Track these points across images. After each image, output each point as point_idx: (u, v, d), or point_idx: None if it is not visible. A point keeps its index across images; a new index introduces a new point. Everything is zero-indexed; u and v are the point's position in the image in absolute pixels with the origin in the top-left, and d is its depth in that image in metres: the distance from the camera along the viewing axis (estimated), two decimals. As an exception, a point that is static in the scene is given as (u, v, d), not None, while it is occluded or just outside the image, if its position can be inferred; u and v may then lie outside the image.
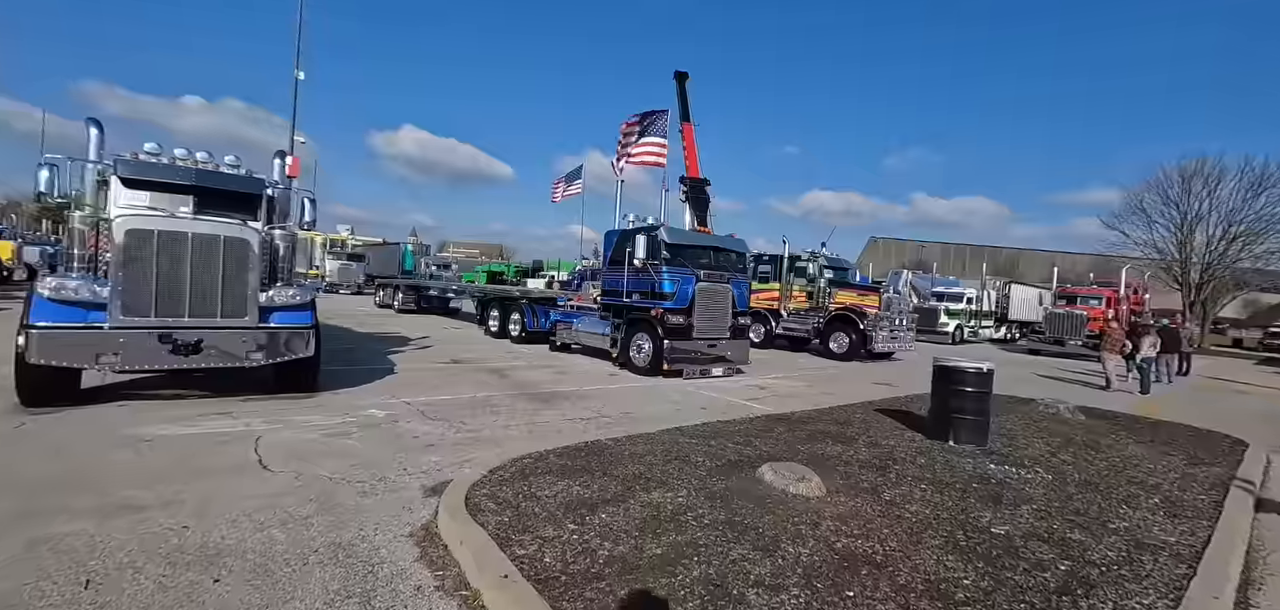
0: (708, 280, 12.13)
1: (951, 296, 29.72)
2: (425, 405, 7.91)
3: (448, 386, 9.38)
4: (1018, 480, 5.52)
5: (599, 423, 7.50)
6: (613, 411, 8.25)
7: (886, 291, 18.55)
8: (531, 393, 9.33)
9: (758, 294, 20.32)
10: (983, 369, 6.51)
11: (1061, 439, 7.51)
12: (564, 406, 8.41)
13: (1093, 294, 26.42)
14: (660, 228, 11.99)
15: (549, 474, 4.92)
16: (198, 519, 3.98)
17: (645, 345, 11.97)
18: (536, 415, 7.77)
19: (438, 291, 27.07)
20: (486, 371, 11.13)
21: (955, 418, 6.55)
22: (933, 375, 6.93)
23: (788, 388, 11.66)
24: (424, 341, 15.31)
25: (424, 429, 6.70)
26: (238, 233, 7.32)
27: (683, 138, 29.51)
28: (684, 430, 6.71)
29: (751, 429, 6.96)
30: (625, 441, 6.09)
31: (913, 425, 7.61)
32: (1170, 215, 34.08)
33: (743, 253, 13.27)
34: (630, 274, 12.35)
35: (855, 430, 7.14)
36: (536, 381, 10.38)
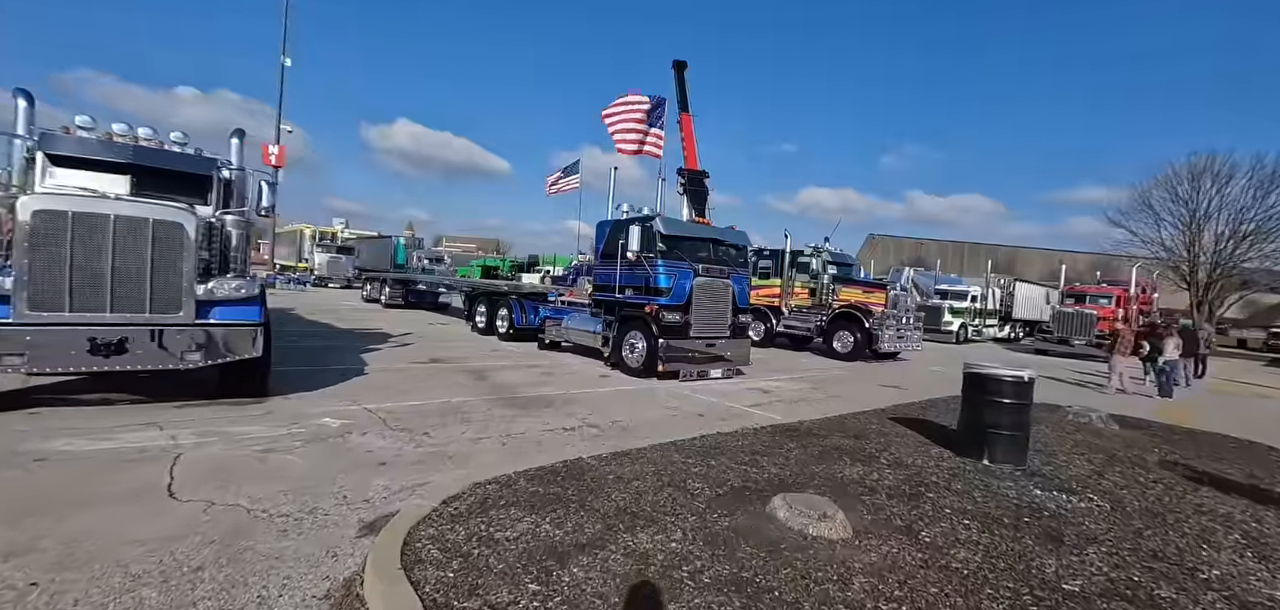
0: (706, 275, 11.26)
1: (955, 294, 28.92)
2: (389, 413, 7.02)
3: (420, 390, 8.50)
4: (1073, 511, 4.68)
5: (584, 434, 6.63)
6: (600, 420, 7.39)
7: (893, 288, 17.70)
8: (512, 397, 8.46)
9: (758, 290, 19.46)
10: (1022, 378, 5.66)
11: (1104, 455, 6.67)
12: (546, 414, 7.54)
13: (1102, 293, 25.63)
14: (655, 218, 11.11)
15: (515, 506, 4.06)
16: (54, 571, 3.11)
17: (639, 344, 11.10)
18: (513, 424, 6.89)
19: (426, 286, 26.19)
20: (466, 372, 10.25)
21: (990, 433, 5.70)
22: (964, 384, 6.07)
23: (792, 391, 10.81)
24: (405, 339, 14.42)
25: (381, 443, 5.82)
26: (170, 215, 6.41)
27: (681, 128, 28.61)
28: (679, 446, 5.84)
29: (756, 444, 6.10)
30: (610, 460, 5.22)
31: (937, 438, 6.76)
32: (1179, 213, 33.34)
33: (743, 246, 12.40)
34: (623, 267, 11.47)
35: (874, 445, 6.28)
36: (519, 384, 9.50)
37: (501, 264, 55.94)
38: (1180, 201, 33.26)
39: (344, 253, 42.27)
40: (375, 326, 16.76)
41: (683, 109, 28.83)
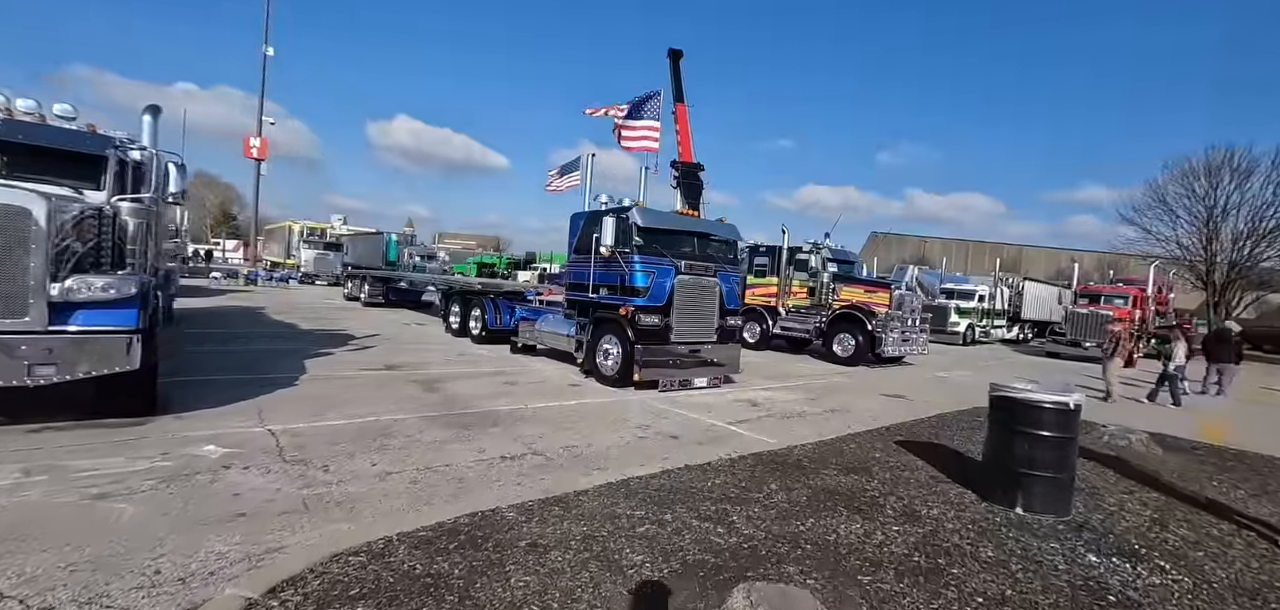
0: (690, 272, 10.06)
1: (962, 294, 27.65)
2: (295, 436, 5.86)
3: (351, 404, 7.33)
4: (1144, 593, 3.48)
5: (522, 467, 5.44)
6: (551, 445, 6.20)
7: (897, 287, 16.48)
8: (458, 413, 7.28)
9: (753, 289, 18.29)
10: (1068, 405, 4.45)
11: (1157, 493, 5.48)
12: (487, 437, 6.36)
13: (1117, 293, 24.34)
14: (632, 208, 9.91)
15: (374, 596, 2.88)
16: None
17: (613, 350, 9.92)
18: (440, 453, 5.71)
19: (408, 284, 25.06)
20: (416, 382, 9.07)
21: (1024, 475, 4.50)
22: (991, 409, 4.87)
23: (785, 403, 9.61)
24: (369, 341, 13.26)
25: (259, 482, 4.65)
26: (13, 198, 5.24)
27: (676, 120, 27.32)
28: (633, 488, 4.66)
29: (731, 485, 4.90)
30: (536, 513, 4.04)
31: (954, 472, 5.56)
32: (1195, 209, 31.94)
33: (733, 241, 11.20)
34: (597, 264, 10.29)
35: (878, 486, 5.08)
36: (472, 397, 8.33)
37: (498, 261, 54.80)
38: (1197, 197, 31.89)
39: (332, 249, 41.18)
40: (343, 327, 15.61)
41: (678, 100, 27.59)
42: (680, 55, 28.45)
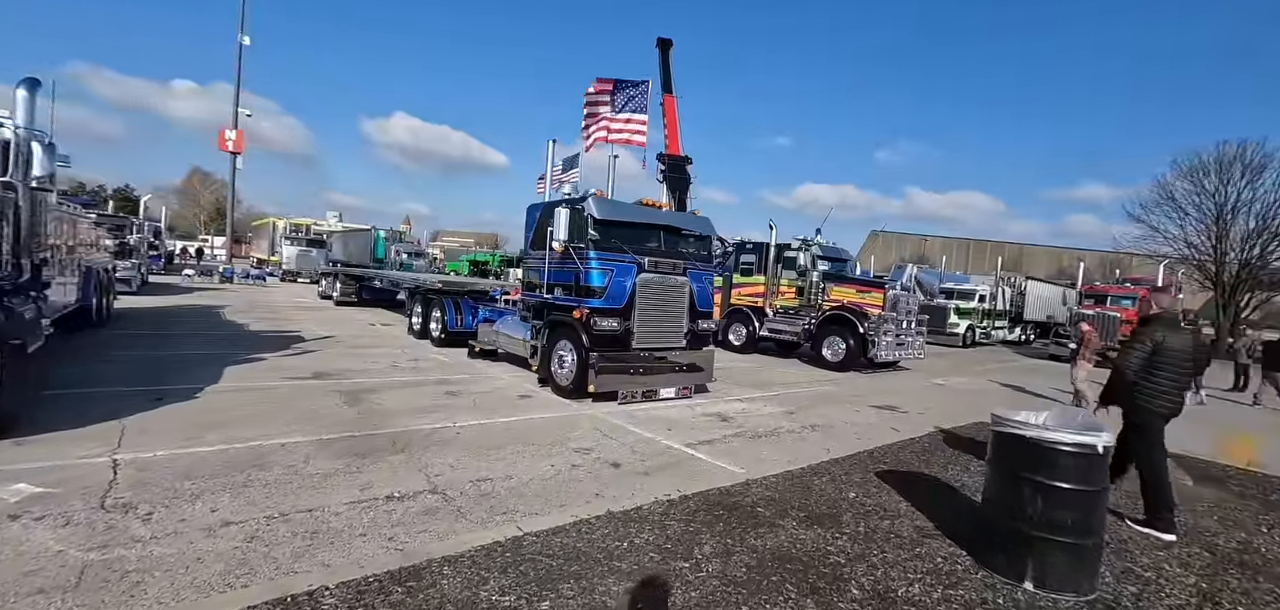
0: (655, 270, 8.97)
1: (962, 293, 26.55)
2: (144, 470, 4.79)
3: (241, 425, 6.24)
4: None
5: (405, 513, 4.35)
6: (460, 480, 5.12)
7: (892, 288, 15.38)
8: (365, 435, 6.21)
9: (740, 289, 17.22)
10: (1094, 446, 3.35)
11: (1199, 546, 4.39)
12: (386, 468, 5.28)
13: (1125, 293, 23.22)
14: (587, 198, 8.82)
15: None
16: None
17: (568, 357, 8.84)
18: (318, 490, 4.64)
19: (383, 283, 23.99)
20: (340, 395, 8.00)
21: (1037, 539, 3.41)
22: (992, 446, 3.78)
23: (760, 417, 8.53)
24: (315, 345, 12.18)
25: (42, 541, 3.57)
26: None
27: (663, 111, 26.23)
28: (523, 552, 3.58)
29: (653, 546, 3.82)
30: (369, 595, 2.97)
31: (945, 520, 4.48)
32: (1205, 206, 30.74)
33: (706, 236, 10.09)
34: (552, 261, 9.22)
35: (846, 545, 4.00)
36: (396, 412, 7.25)
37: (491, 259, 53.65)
38: (1207, 194, 30.70)
39: (315, 245, 40.11)
40: (297, 328, 14.54)
41: (666, 90, 26.50)
42: (669, 45, 27.35)
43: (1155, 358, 4.63)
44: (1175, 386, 4.69)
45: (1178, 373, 4.69)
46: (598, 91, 22.79)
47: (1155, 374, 4.65)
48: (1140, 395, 4.70)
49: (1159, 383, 4.66)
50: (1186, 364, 4.73)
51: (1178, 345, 4.68)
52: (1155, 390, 4.67)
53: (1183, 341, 4.74)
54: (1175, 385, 4.69)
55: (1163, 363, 4.63)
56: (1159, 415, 4.72)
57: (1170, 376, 4.66)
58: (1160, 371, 4.65)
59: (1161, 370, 4.65)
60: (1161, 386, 4.66)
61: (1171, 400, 4.70)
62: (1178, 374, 4.69)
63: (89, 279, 11.08)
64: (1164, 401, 4.69)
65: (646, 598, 3.11)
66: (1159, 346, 4.62)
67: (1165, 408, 4.70)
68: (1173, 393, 4.68)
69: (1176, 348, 4.66)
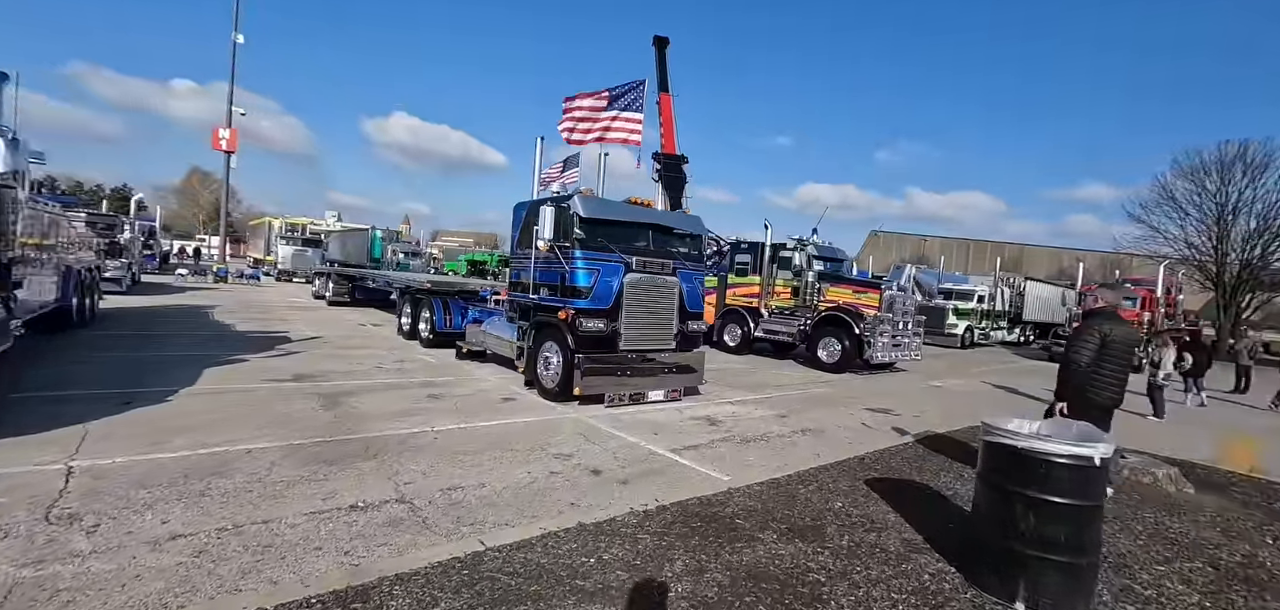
0: (643, 270, 8.77)
1: (960, 294, 26.36)
2: (99, 477, 4.59)
3: (208, 430, 6.03)
4: None
5: (366, 524, 4.14)
6: (431, 488, 4.91)
7: (888, 288, 15.16)
8: (338, 441, 6.00)
9: (735, 289, 17.00)
10: (1090, 458, 3.14)
11: (1204, 561, 4.18)
12: (354, 476, 5.07)
13: (1125, 294, 22.99)
14: (572, 196, 8.61)
15: None
16: None
17: (553, 359, 8.63)
18: (278, 500, 4.43)
19: (376, 283, 23.80)
20: (318, 398, 7.79)
21: (1031, 558, 3.20)
22: (982, 456, 3.57)
23: (750, 421, 8.32)
24: (300, 346, 11.97)
25: (-30, 556, 3.37)
26: None
27: (660, 110, 26.07)
28: (483, 569, 3.38)
29: (621, 563, 3.61)
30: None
31: (935, 533, 4.27)
32: (1206, 206, 30.54)
33: (697, 235, 9.88)
34: (538, 261, 9.01)
35: (827, 561, 3.78)
36: (373, 416, 7.04)
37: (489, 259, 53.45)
38: (1208, 194, 30.51)
39: (310, 245, 39.93)
40: (285, 329, 14.32)
41: (662, 89, 26.31)
42: (666, 43, 27.17)
43: (1101, 351, 4.74)
44: (1118, 378, 4.80)
45: (1121, 365, 4.79)
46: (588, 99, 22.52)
47: (1101, 366, 4.75)
48: (1088, 388, 4.80)
49: (1104, 375, 4.76)
50: (1129, 356, 4.83)
51: (1121, 337, 4.80)
52: (1101, 382, 4.78)
53: (1125, 334, 4.86)
54: (1118, 377, 4.80)
55: (1107, 355, 4.74)
56: (1103, 406, 4.82)
57: (1114, 368, 4.77)
58: (1105, 364, 4.75)
59: (1106, 362, 4.74)
60: (1106, 378, 4.77)
61: (1115, 391, 4.82)
62: (1121, 366, 4.79)
63: (68, 279, 10.86)
64: (1109, 393, 4.81)
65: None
66: (1105, 339, 4.73)
67: (1109, 399, 4.82)
68: (1116, 384, 4.80)
69: (1120, 340, 4.79)
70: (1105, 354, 4.75)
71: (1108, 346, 4.74)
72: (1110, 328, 4.81)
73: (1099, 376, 4.78)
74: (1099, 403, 4.81)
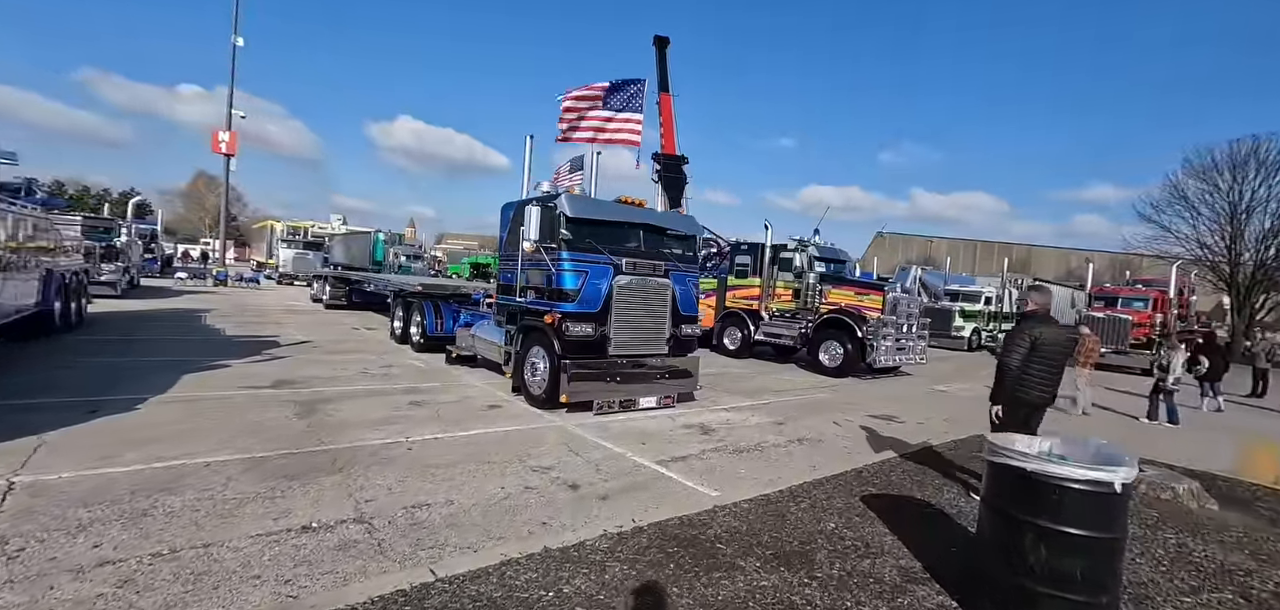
0: (634, 272, 8.43)
1: (967, 296, 25.90)
2: (38, 494, 4.29)
3: (170, 441, 5.74)
4: None
5: (315, 549, 3.82)
6: (394, 506, 4.59)
7: (892, 290, 14.75)
8: (305, 453, 5.69)
9: (735, 291, 16.62)
10: (1111, 484, 2.77)
11: (1234, 590, 3.80)
12: (314, 492, 4.75)
13: (1136, 295, 22.50)
14: (559, 195, 8.29)
15: None
16: None
17: (541, 364, 8.30)
18: (226, 520, 4.12)
19: (374, 286, 23.58)
20: (294, 405, 7.49)
21: (1045, 596, 2.83)
22: (987, 481, 3.21)
23: (745, 429, 7.96)
24: (283, 352, 11.69)
25: None
26: None
27: (660, 110, 25.71)
28: (428, 604, 3.04)
29: (580, 598, 3.27)
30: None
31: (935, 559, 3.91)
32: (1218, 205, 29.90)
33: (691, 235, 9.54)
34: (524, 263, 8.69)
35: (817, 589, 3.44)
36: (349, 426, 6.74)
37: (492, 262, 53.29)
38: (1220, 193, 29.87)
39: (311, 248, 39.80)
40: (275, 334, 14.07)
41: (663, 88, 25.95)
42: (666, 43, 26.81)
43: (1031, 352, 4.96)
44: (1047, 378, 5.01)
45: (1050, 366, 4.99)
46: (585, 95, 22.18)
47: (1030, 367, 4.98)
48: (1018, 388, 5.03)
49: (1033, 374, 4.99)
50: (1058, 357, 5.03)
51: (1050, 339, 5.00)
52: (1031, 382, 5.00)
53: (1055, 335, 5.07)
54: (1046, 376, 5.01)
55: (1037, 357, 4.96)
56: (1032, 404, 5.09)
57: (1043, 369, 4.97)
58: (1034, 364, 4.97)
59: (1036, 363, 4.97)
60: (1035, 378, 4.99)
61: (1044, 391, 5.04)
62: (1050, 367, 4.99)
63: (49, 283, 10.63)
64: (1037, 392, 5.03)
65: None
66: (1035, 341, 4.94)
67: (1038, 397, 5.06)
68: (1044, 384, 5.02)
69: (1049, 341, 4.98)
70: (1035, 355, 4.95)
71: (1037, 348, 4.94)
72: (1041, 330, 5.00)
73: (1028, 376, 4.99)
74: (1029, 401, 5.05)
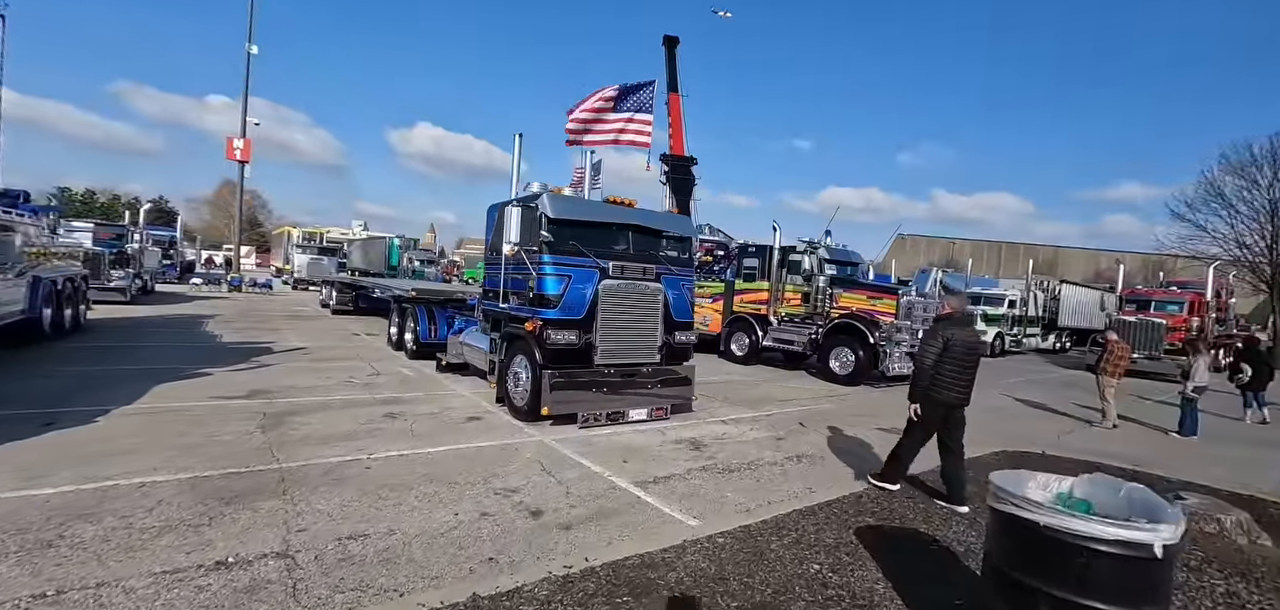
0: (622, 276, 7.92)
1: (990, 299, 24.86)
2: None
3: (112, 458, 5.38)
4: None
5: (228, 594, 3.35)
6: (326, 538, 4.12)
7: (906, 294, 14.03)
8: (255, 472, 5.27)
9: (742, 295, 16.02)
10: (1149, 546, 2.17)
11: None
12: (244, 520, 4.32)
13: (1170, 298, 21.31)
14: (541, 194, 7.82)
15: None
16: None
17: (523, 375, 7.83)
18: (131, 555, 3.69)
19: (380, 292, 23.45)
20: (259, 418, 7.11)
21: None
22: (991, 532, 2.63)
23: (742, 443, 7.39)
24: (270, 359, 11.40)
25: None
26: None
27: (669, 110, 25.28)
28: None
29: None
30: None
31: None
32: (1257, 202, 28.33)
33: (685, 237, 8.99)
34: (507, 267, 8.24)
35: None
36: (313, 439, 6.33)
37: (506, 266, 53.09)
38: (1259, 189, 28.31)
39: (326, 254, 40.02)
40: (269, 339, 13.86)
41: (672, 89, 25.48)
42: (676, 42, 26.38)
43: (943, 353, 5.19)
44: (958, 378, 5.22)
45: (961, 366, 5.21)
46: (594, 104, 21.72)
47: (943, 367, 5.20)
48: (932, 388, 5.27)
49: (945, 375, 5.20)
50: (969, 358, 5.24)
51: (960, 341, 5.21)
52: (944, 382, 5.22)
53: (965, 337, 5.29)
54: (958, 377, 5.22)
55: (948, 357, 5.18)
56: (943, 403, 5.28)
57: (954, 369, 5.19)
58: (946, 365, 5.19)
59: (948, 364, 5.19)
60: (948, 378, 5.21)
61: (957, 392, 5.24)
62: (961, 368, 5.21)
63: (36, 289, 10.47)
64: (950, 392, 5.24)
65: None
66: (947, 342, 5.17)
67: (952, 397, 5.25)
68: (955, 384, 5.22)
69: (959, 343, 5.20)
70: (947, 356, 5.16)
71: (949, 349, 5.15)
72: (952, 332, 5.22)
73: (941, 376, 5.20)
74: (943, 400, 5.25)
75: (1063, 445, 8.65)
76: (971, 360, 5.25)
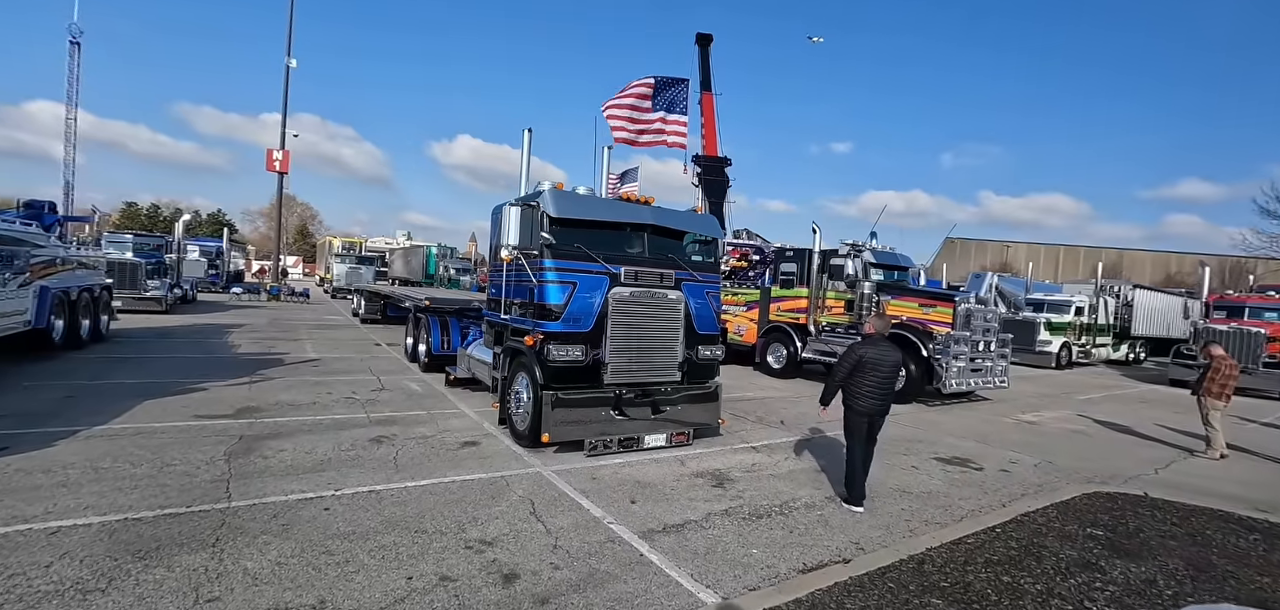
0: (636, 282, 6.94)
1: (1054, 305, 22.80)
2: None
3: (45, 494, 4.73)
4: None
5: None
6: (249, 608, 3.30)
7: (964, 301, 12.59)
8: (195, 514, 4.53)
9: (779, 303, 14.85)
10: None
11: None
12: (162, 578, 3.54)
13: (1270, 305, 18.91)
14: (543, 192, 6.93)
15: None
16: None
17: (524, 394, 6.94)
18: None
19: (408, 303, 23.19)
20: (231, 441, 6.44)
21: None
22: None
23: (775, 478, 6.30)
24: (276, 373, 10.92)
25: None
26: None
27: (702, 110, 24.26)
28: None
29: None
30: None
31: None
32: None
33: (711, 239, 7.96)
34: (509, 274, 7.39)
35: None
36: (282, 470, 5.59)
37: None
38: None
39: (364, 263, 40.56)
40: (284, 351, 13.49)
41: (705, 88, 24.45)
42: (710, 40, 25.35)
43: (856, 369, 5.51)
44: (870, 391, 5.52)
45: (874, 381, 5.50)
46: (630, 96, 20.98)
47: (859, 381, 5.53)
48: (847, 398, 5.62)
49: (861, 387, 5.53)
50: (882, 374, 5.51)
51: (873, 358, 5.52)
52: (857, 393, 5.56)
53: (880, 356, 5.55)
54: (870, 390, 5.51)
55: (861, 373, 5.51)
56: (860, 413, 5.59)
57: (868, 384, 5.51)
58: (862, 380, 5.52)
59: (862, 378, 5.52)
60: (861, 390, 5.54)
61: (869, 402, 5.55)
62: (874, 382, 5.50)
63: (44, 300, 10.23)
64: (865, 402, 5.55)
65: None
66: (861, 359, 5.53)
67: (866, 406, 5.56)
68: (867, 396, 5.53)
69: (872, 360, 5.51)
70: (860, 372, 5.50)
71: (862, 365, 5.50)
72: (867, 351, 5.57)
73: (856, 388, 5.55)
74: (857, 409, 5.58)
75: (1165, 482, 7.22)
76: (883, 375, 5.53)
